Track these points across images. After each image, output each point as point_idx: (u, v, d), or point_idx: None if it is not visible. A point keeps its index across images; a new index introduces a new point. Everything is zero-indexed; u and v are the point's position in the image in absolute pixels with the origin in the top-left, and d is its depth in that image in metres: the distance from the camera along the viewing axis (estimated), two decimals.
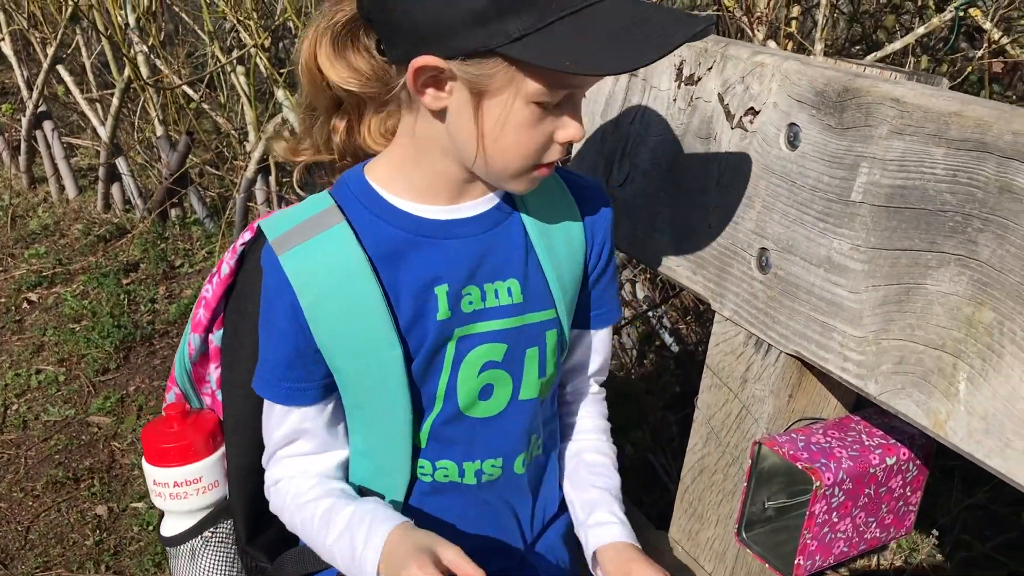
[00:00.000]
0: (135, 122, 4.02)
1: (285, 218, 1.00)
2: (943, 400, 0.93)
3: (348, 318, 0.96)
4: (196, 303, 1.15)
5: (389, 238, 0.98)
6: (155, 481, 1.17)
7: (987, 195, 0.89)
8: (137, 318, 3.21)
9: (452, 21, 0.83)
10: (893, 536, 1.21)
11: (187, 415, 1.18)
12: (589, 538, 1.12)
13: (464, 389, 1.04)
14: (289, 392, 1.02)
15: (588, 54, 0.82)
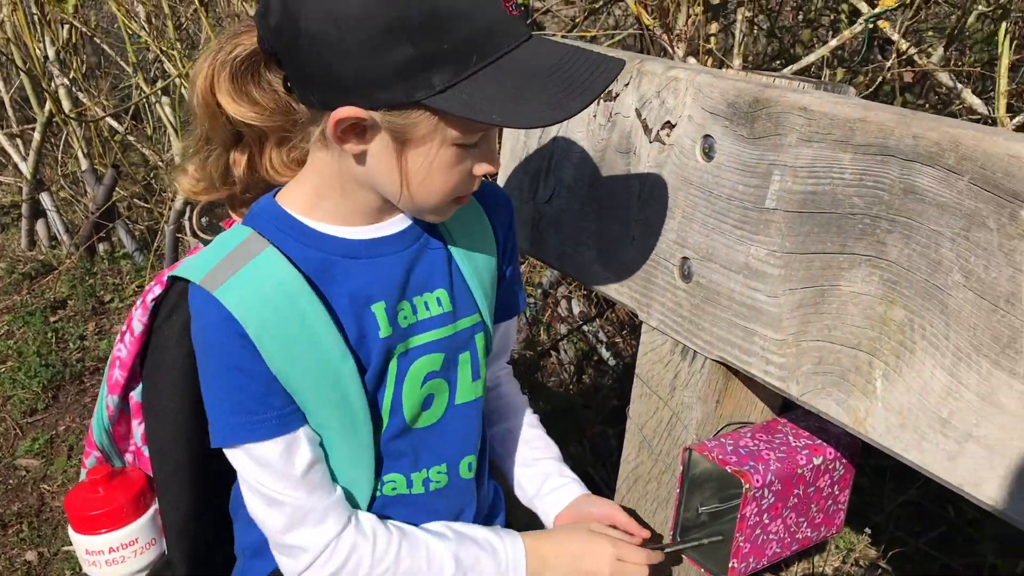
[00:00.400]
0: (59, 156, 3.94)
1: (202, 260, 0.97)
2: (861, 398, 0.96)
3: (298, 338, 0.95)
4: (110, 364, 1.10)
5: (317, 260, 0.98)
6: (88, 551, 1.13)
7: (892, 197, 0.92)
8: (66, 356, 3.13)
9: (376, 74, 0.84)
10: (824, 535, 1.23)
11: (112, 476, 1.14)
12: (549, 503, 1.21)
13: (409, 403, 1.04)
14: (281, 419, 0.97)
15: (513, 105, 0.84)
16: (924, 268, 0.89)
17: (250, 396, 0.95)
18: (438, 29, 0.82)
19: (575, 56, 0.89)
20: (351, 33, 0.82)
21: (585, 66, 0.88)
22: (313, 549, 1.00)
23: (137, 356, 1.09)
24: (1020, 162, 0.81)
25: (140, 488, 1.14)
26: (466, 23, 0.83)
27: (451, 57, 0.84)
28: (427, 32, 0.82)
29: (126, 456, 1.19)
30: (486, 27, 0.85)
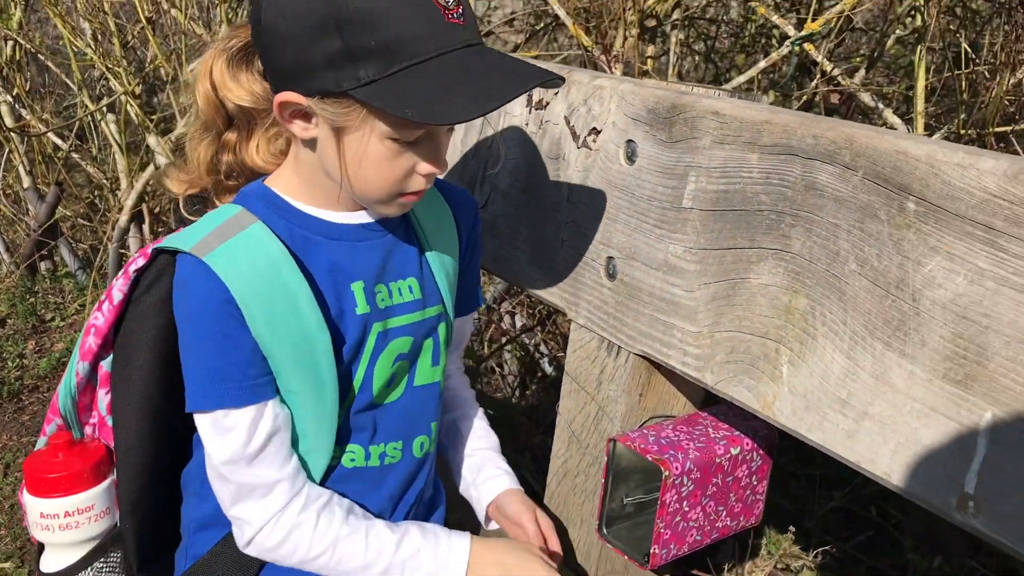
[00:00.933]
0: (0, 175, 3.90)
1: (191, 232, 1.03)
2: (769, 383, 1.02)
3: (280, 305, 1.00)
4: (84, 331, 1.14)
5: (301, 238, 1.05)
6: (42, 514, 1.14)
7: (795, 193, 0.98)
8: (4, 374, 3.09)
9: (310, 62, 0.92)
10: (744, 525, 1.28)
11: (73, 444, 1.16)
12: (482, 492, 1.26)
13: (379, 379, 1.10)
14: (252, 388, 1.02)
15: (429, 103, 0.90)
16: (824, 259, 0.96)
17: (230, 363, 1.00)
18: (368, 27, 0.89)
19: (502, 64, 0.95)
20: (294, 24, 0.91)
21: (517, 71, 0.94)
22: (256, 523, 1.04)
23: (113, 325, 1.12)
24: (907, 157, 0.88)
25: (100, 457, 1.16)
26: (397, 24, 0.89)
27: (378, 54, 0.89)
28: (357, 28, 0.89)
29: (86, 428, 1.21)
30: (417, 30, 0.90)
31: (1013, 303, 0.80)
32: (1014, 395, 0.80)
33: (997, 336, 0.81)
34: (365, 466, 1.13)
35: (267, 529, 1.04)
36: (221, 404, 1.01)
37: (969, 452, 0.84)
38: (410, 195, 1.03)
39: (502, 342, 2.49)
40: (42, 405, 2.97)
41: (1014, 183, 0.80)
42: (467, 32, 0.93)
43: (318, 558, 1.06)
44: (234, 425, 1.02)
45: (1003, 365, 0.81)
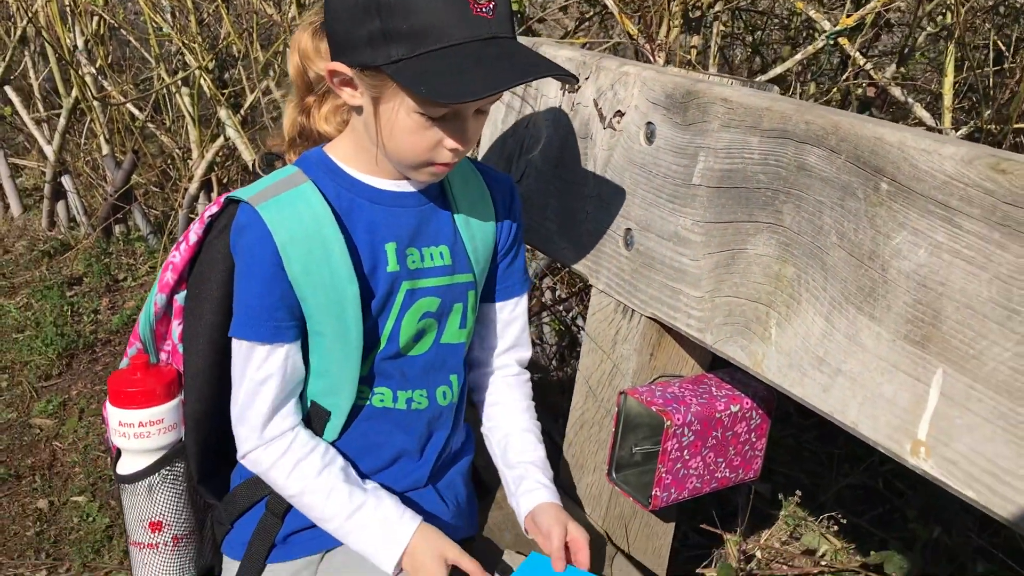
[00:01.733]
0: (81, 142, 4.14)
1: (256, 185, 1.18)
2: (760, 343, 1.14)
3: (317, 256, 1.14)
4: (163, 267, 1.31)
5: (347, 199, 1.19)
6: (120, 422, 1.30)
7: (788, 173, 1.10)
8: (80, 328, 3.31)
9: (355, 38, 1.06)
10: (742, 477, 1.40)
11: (149, 366, 1.33)
12: (521, 504, 1.29)
13: (405, 333, 1.24)
14: (276, 330, 1.17)
15: (441, 84, 1.02)
16: (810, 232, 1.07)
17: (261, 304, 1.16)
18: (403, 12, 1.02)
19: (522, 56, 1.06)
20: (345, 3, 1.06)
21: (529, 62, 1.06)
22: (246, 445, 1.22)
23: (188, 263, 1.28)
24: (883, 143, 0.99)
25: (171, 379, 1.33)
26: (428, 13, 1.02)
27: (409, 36, 1.02)
28: (394, 13, 1.02)
29: (161, 354, 1.38)
30: (445, 19, 1.02)
31: (964, 273, 0.91)
32: (961, 354, 0.92)
33: (950, 302, 0.93)
34: (393, 408, 1.27)
35: (253, 455, 1.22)
36: (247, 336, 1.17)
37: (923, 404, 0.95)
38: (439, 166, 1.16)
39: (540, 314, 2.63)
40: (114, 358, 3.19)
41: (968, 167, 0.91)
42: (494, 26, 1.05)
43: (291, 497, 1.22)
44: (250, 355, 1.18)
45: (954, 328, 0.92)
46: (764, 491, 2.23)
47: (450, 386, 1.32)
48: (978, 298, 0.90)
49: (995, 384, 0.89)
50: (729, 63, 3.24)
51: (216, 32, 3.59)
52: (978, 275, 0.90)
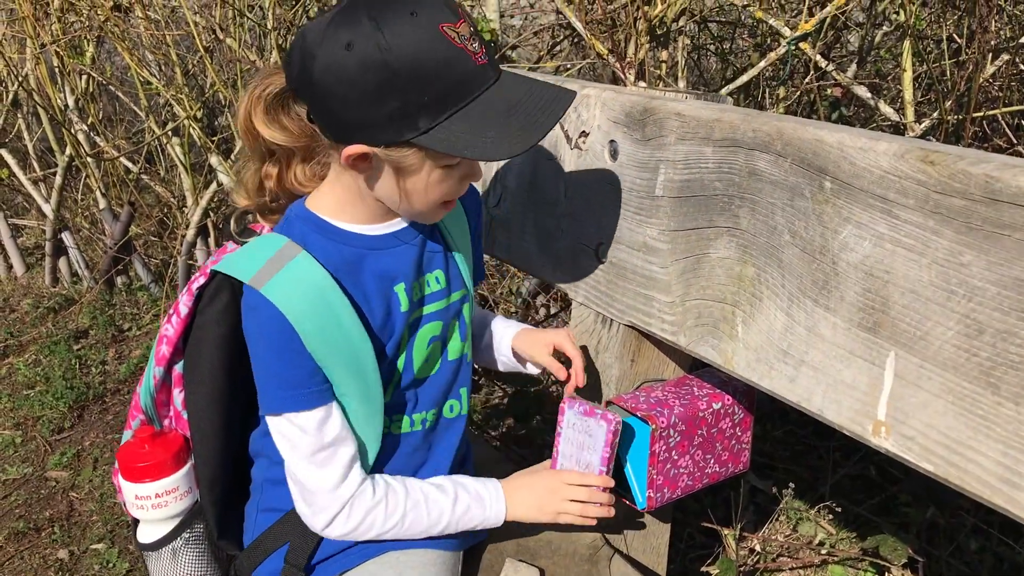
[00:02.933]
0: (78, 198, 4.23)
1: (247, 261, 1.18)
2: (729, 341, 1.20)
3: (329, 325, 1.16)
4: (158, 341, 1.34)
5: (348, 254, 1.20)
6: (136, 496, 1.34)
7: (741, 179, 1.16)
8: (89, 379, 3.38)
9: (373, 120, 1.07)
10: (732, 471, 1.46)
11: (156, 436, 1.36)
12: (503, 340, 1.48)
13: (418, 361, 1.29)
14: (323, 392, 1.19)
15: (482, 140, 1.07)
16: (765, 232, 1.14)
17: (297, 373, 1.17)
18: (419, 86, 1.05)
19: (533, 91, 1.13)
20: (351, 89, 1.06)
21: (542, 101, 1.12)
22: (331, 511, 1.23)
23: (181, 335, 1.31)
24: (823, 144, 1.05)
25: (179, 446, 1.36)
26: (442, 78, 1.05)
27: (431, 105, 1.06)
28: (411, 88, 1.05)
29: (164, 421, 1.43)
30: (458, 79, 1.06)
31: (905, 260, 0.97)
32: (910, 336, 0.98)
33: (895, 288, 0.99)
34: (411, 431, 1.33)
35: (342, 516, 1.23)
36: (294, 407, 1.18)
37: (879, 386, 1.01)
38: (450, 202, 1.22)
39: None
40: (123, 406, 3.26)
41: (901, 161, 0.97)
42: (491, 67, 1.10)
43: (390, 531, 1.26)
44: (304, 426, 1.19)
45: (901, 312, 0.98)
46: (765, 487, 2.28)
47: (459, 399, 1.37)
48: (920, 282, 0.96)
49: (942, 362, 0.94)
50: (703, 74, 3.32)
51: (202, 82, 3.68)
52: (918, 261, 0.96)
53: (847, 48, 2.73)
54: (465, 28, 1.07)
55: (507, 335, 1.48)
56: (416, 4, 1.05)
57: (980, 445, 0.91)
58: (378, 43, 1.03)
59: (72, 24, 3.50)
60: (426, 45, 1.04)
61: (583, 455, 1.34)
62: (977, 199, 0.90)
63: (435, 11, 1.06)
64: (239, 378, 1.27)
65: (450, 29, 1.06)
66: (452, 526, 1.29)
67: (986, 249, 0.90)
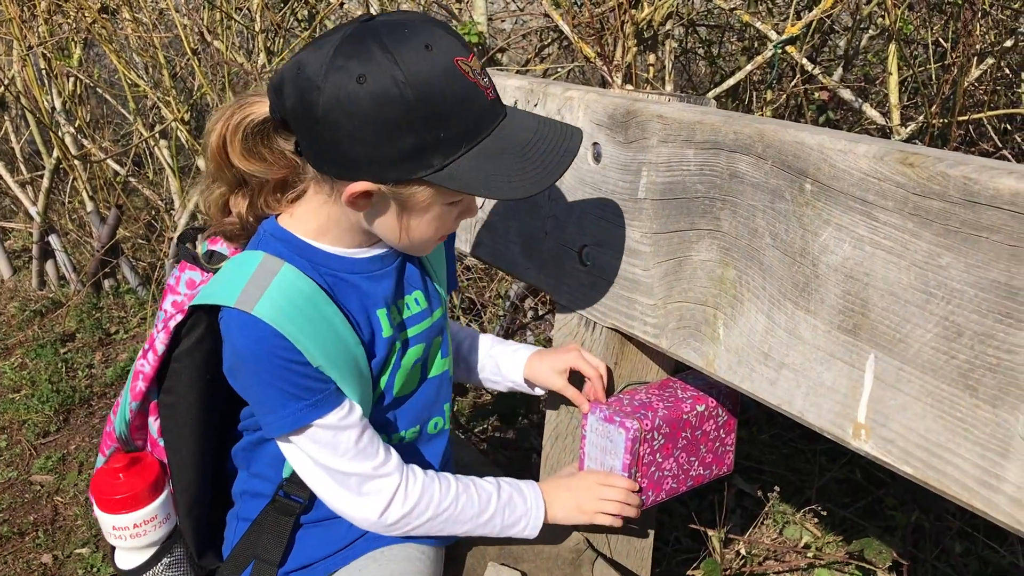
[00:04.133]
0: (65, 201, 4.21)
1: (227, 285, 1.13)
2: (711, 344, 1.20)
3: (325, 333, 1.13)
4: (133, 376, 1.30)
5: (329, 275, 1.17)
6: (114, 527, 1.31)
7: (723, 181, 1.16)
8: (75, 383, 3.36)
9: (386, 157, 1.03)
10: (716, 473, 1.45)
11: (132, 464, 1.32)
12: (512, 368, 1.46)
13: (399, 383, 1.26)
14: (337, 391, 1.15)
15: (496, 179, 1.04)
16: (746, 235, 1.13)
17: (308, 381, 1.13)
18: (437, 123, 1.02)
19: (541, 128, 1.10)
20: (364, 126, 1.01)
21: (552, 137, 1.10)
22: (386, 496, 1.20)
23: (157, 372, 1.27)
24: (803, 147, 1.05)
25: (156, 475, 1.33)
26: (458, 116, 1.03)
27: (446, 143, 1.03)
28: (427, 126, 1.01)
29: (138, 442, 1.39)
30: (473, 116, 1.04)
31: (884, 262, 0.97)
32: (889, 338, 0.97)
33: (875, 291, 0.99)
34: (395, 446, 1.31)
35: (399, 497, 1.21)
36: (314, 416, 1.14)
37: (859, 388, 1.01)
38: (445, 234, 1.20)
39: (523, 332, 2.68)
40: (109, 410, 3.24)
41: (881, 163, 0.97)
42: (499, 102, 1.08)
43: (444, 512, 1.24)
44: (337, 423, 1.15)
45: (880, 314, 0.98)
46: (752, 491, 2.28)
47: (442, 415, 1.36)
48: (899, 285, 0.96)
49: (921, 364, 0.94)
50: (691, 78, 3.32)
51: (191, 84, 3.67)
52: (897, 263, 0.96)
53: (835, 52, 2.74)
54: (476, 63, 1.05)
55: (516, 362, 1.46)
56: (429, 37, 1.02)
57: (958, 447, 0.91)
58: (394, 77, 0.99)
59: (59, 26, 3.49)
60: (443, 80, 1.01)
61: (606, 459, 1.35)
62: (955, 201, 0.90)
63: (449, 45, 1.02)
64: (215, 404, 1.25)
65: (464, 63, 1.03)
66: (499, 516, 1.27)
67: (964, 251, 0.89)
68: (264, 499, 1.31)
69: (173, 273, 1.28)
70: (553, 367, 1.41)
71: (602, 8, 2.44)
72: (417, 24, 1.03)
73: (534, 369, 1.43)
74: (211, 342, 1.19)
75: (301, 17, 3.33)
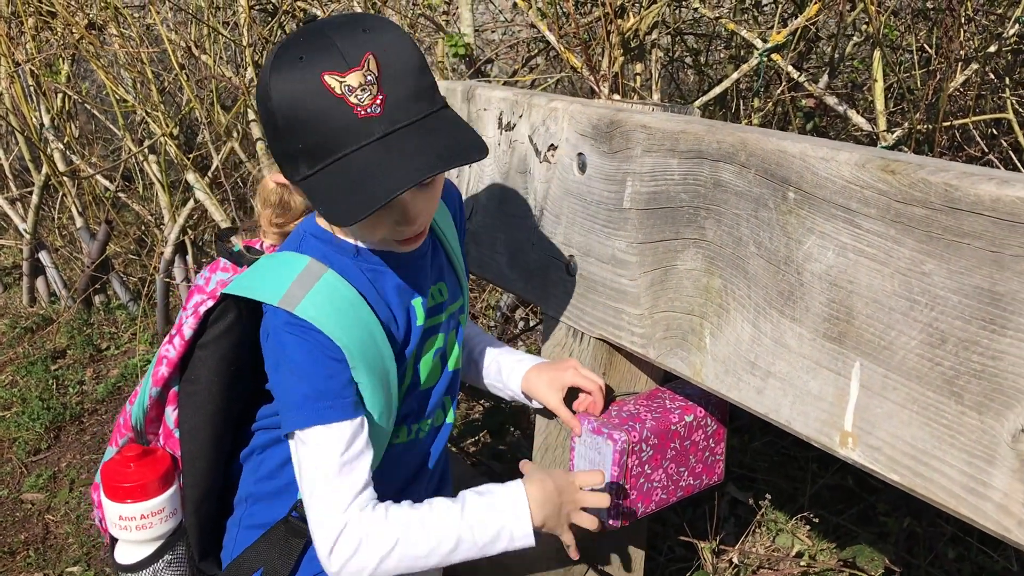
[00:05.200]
0: (55, 217, 4.20)
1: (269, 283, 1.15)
2: (697, 353, 1.19)
3: (366, 341, 1.15)
4: (156, 361, 1.31)
5: (370, 271, 1.19)
6: (120, 516, 1.31)
7: (707, 190, 1.16)
8: (66, 400, 3.35)
9: (275, 154, 1.11)
10: (707, 483, 1.45)
11: (143, 455, 1.33)
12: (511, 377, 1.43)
13: (424, 372, 1.27)
14: (356, 404, 1.15)
15: (335, 203, 1.04)
16: (731, 244, 1.13)
17: (336, 383, 1.13)
18: (293, 133, 1.05)
19: (418, 149, 1.04)
20: (262, 122, 1.11)
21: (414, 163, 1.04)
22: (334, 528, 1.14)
23: (182, 356, 1.29)
24: (786, 155, 1.05)
25: (167, 467, 1.33)
26: (315, 129, 1.04)
27: (307, 154, 1.06)
28: (287, 134, 1.06)
29: (152, 438, 1.40)
30: (332, 132, 1.03)
31: (868, 270, 0.97)
32: (874, 346, 0.97)
33: (859, 298, 0.98)
34: (406, 441, 1.31)
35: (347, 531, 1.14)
36: (330, 418, 1.13)
37: (845, 396, 1.01)
38: (407, 240, 1.17)
39: (515, 342, 2.68)
40: (101, 426, 3.22)
41: (862, 170, 0.97)
42: (385, 120, 1.04)
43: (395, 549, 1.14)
44: (336, 436, 1.14)
45: (865, 322, 0.98)
46: (744, 499, 2.27)
47: (446, 408, 1.36)
48: (883, 292, 0.96)
49: (906, 371, 0.94)
50: (679, 86, 3.33)
51: (179, 99, 3.66)
52: (881, 270, 0.96)
53: (821, 59, 2.75)
54: (355, 78, 1.02)
55: (516, 372, 1.44)
56: (308, 48, 1.04)
57: (944, 455, 0.91)
58: (266, 86, 1.05)
59: (47, 42, 3.48)
60: (302, 93, 1.03)
61: None
62: (937, 208, 0.90)
63: (323, 58, 1.03)
64: (234, 397, 1.26)
65: (333, 78, 1.02)
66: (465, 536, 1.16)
67: (947, 258, 0.89)
68: (267, 505, 1.30)
69: (203, 273, 1.31)
70: (550, 384, 1.39)
71: (588, 18, 2.45)
72: (323, 30, 1.05)
73: (531, 383, 1.42)
74: (239, 333, 1.22)
75: (288, 30, 3.34)
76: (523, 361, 1.44)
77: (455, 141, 1.07)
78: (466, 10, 2.62)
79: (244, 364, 1.24)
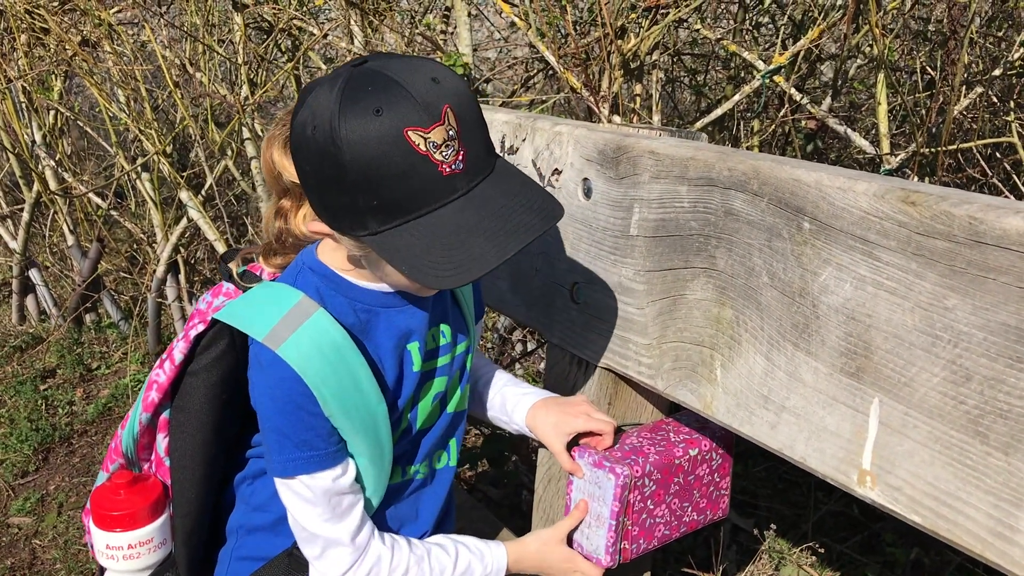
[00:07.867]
0: (46, 234, 4.15)
1: (257, 315, 1.12)
2: (708, 386, 1.16)
3: (348, 387, 1.11)
4: (147, 386, 1.29)
5: (364, 311, 1.15)
6: (108, 545, 1.28)
7: (717, 218, 1.13)
8: (55, 421, 3.29)
9: (331, 205, 1.03)
10: (711, 518, 1.41)
11: (134, 482, 1.30)
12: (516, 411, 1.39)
13: (422, 416, 1.25)
14: (339, 452, 1.14)
15: (421, 262, 0.98)
16: (743, 274, 1.10)
17: (314, 435, 1.12)
18: (370, 189, 0.98)
19: (504, 211, 1.02)
20: (312, 174, 1.02)
21: (508, 225, 1.01)
22: (343, 563, 1.18)
23: (173, 381, 1.26)
24: (800, 184, 1.02)
25: (157, 495, 1.30)
26: (394, 186, 0.98)
27: (380, 210, 0.99)
28: (359, 189, 0.98)
29: (144, 465, 1.37)
30: (413, 189, 0.98)
31: (888, 303, 0.94)
32: (894, 382, 0.94)
33: (878, 332, 0.95)
34: (402, 481, 1.28)
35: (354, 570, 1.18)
36: (310, 469, 1.13)
37: (863, 433, 0.97)
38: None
39: (513, 367, 2.64)
40: (91, 448, 3.17)
41: (881, 201, 0.94)
42: (467, 176, 1.00)
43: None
44: (320, 486, 1.14)
45: (884, 357, 0.95)
46: (747, 527, 2.23)
47: (447, 451, 1.33)
48: (903, 327, 0.93)
49: (928, 409, 0.91)
50: (677, 107, 3.31)
51: (173, 117, 3.63)
52: (901, 304, 0.93)
53: (821, 80, 2.73)
54: (439, 134, 0.97)
55: (521, 407, 1.39)
56: (385, 102, 0.97)
57: (969, 497, 0.88)
58: (334, 137, 0.97)
59: (40, 59, 3.45)
60: (382, 149, 0.96)
61: (593, 505, 1.30)
62: (961, 241, 0.87)
63: (404, 112, 0.96)
64: (226, 426, 1.24)
65: (416, 134, 0.97)
66: None
67: (971, 293, 0.86)
68: (259, 537, 1.28)
69: (204, 298, 1.28)
70: (556, 428, 1.34)
71: (587, 39, 2.43)
72: (394, 78, 0.98)
73: (536, 421, 1.36)
74: (231, 361, 1.20)
75: (284, 48, 3.31)
76: (529, 395, 1.40)
77: (532, 192, 1.05)
78: (464, 29, 2.60)
79: (236, 391, 1.21)
